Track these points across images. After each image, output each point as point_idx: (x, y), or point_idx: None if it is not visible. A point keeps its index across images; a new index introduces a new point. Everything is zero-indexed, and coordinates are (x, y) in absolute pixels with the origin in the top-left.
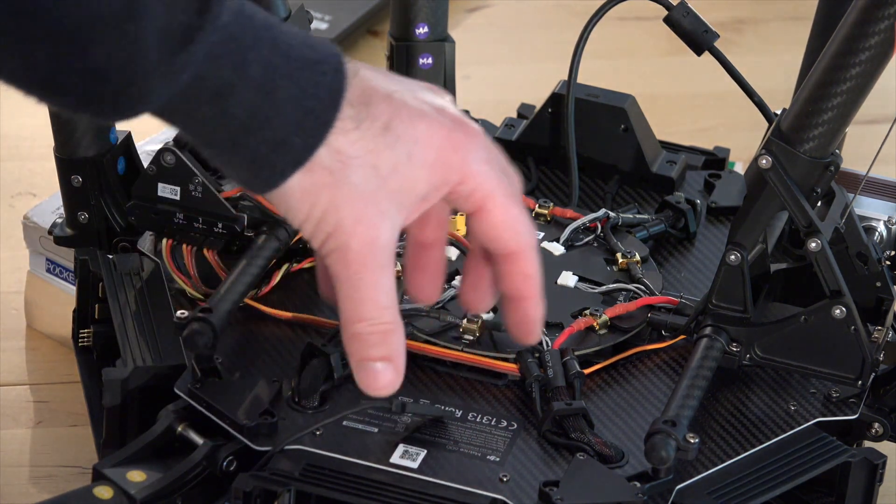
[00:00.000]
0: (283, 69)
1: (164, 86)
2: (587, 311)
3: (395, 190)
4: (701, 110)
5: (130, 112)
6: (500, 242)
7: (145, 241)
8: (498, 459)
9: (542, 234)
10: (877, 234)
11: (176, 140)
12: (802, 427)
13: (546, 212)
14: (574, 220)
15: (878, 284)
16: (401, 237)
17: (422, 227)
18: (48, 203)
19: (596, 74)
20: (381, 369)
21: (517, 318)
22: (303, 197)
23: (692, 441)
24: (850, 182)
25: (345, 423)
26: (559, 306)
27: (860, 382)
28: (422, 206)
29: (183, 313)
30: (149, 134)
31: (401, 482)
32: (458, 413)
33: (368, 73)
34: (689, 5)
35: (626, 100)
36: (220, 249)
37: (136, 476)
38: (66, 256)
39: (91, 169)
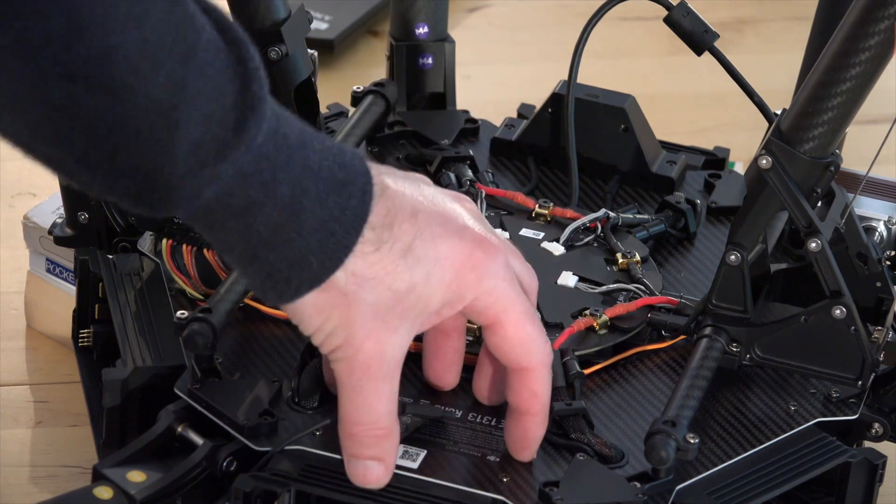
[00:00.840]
0: (312, 191)
1: (189, 197)
2: (587, 312)
3: (409, 307)
4: (701, 110)
5: (152, 213)
6: (512, 357)
7: (145, 241)
8: (498, 459)
9: (542, 234)
10: (877, 234)
11: None
12: (802, 427)
13: (546, 212)
14: (574, 220)
15: (878, 284)
16: None
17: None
18: (48, 203)
19: (596, 74)
20: (372, 467)
21: (518, 433)
22: (315, 312)
23: (692, 441)
24: (850, 182)
25: None
26: (559, 306)
27: (860, 382)
28: (435, 319)
29: (183, 313)
30: None
31: (401, 482)
32: (458, 413)
33: (396, 190)
34: (689, 5)
35: (626, 100)
36: None
37: (136, 476)
38: (66, 256)
39: None
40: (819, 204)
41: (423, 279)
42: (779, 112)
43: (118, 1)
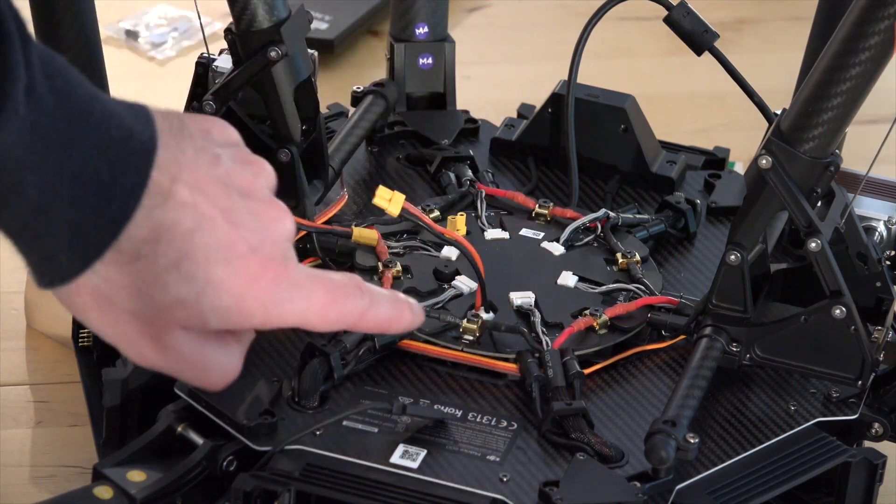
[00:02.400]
0: (66, 193)
1: None
2: (587, 311)
3: (180, 319)
4: (701, 110)
5: None
6: (333, 331)
7: None
8: (498, 459)
9: (543, 234)
10: (877, 234)
11: None
12: (802, 427)
13: (546, 212)
14: (574, 220)
15: (878, 284)
16: (402, 236)
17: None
18: None
19: (596, 74)
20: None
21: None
22: (75, 310)
23: (692, 441)
24: (850, 182)
25: (345, 423)
26: (559, 306)
27: (860, 382)
28: (213, 332)
29: None
30: None
31: (401, 482)
32: (458, 413)
33: (181, 196)
34: (689, 5)
35: (626, 100)
36: None
37: (136, 476)
38: None
39: None
40: (819, 204)
41: (193, 297)
42: (779, 112)
43: None
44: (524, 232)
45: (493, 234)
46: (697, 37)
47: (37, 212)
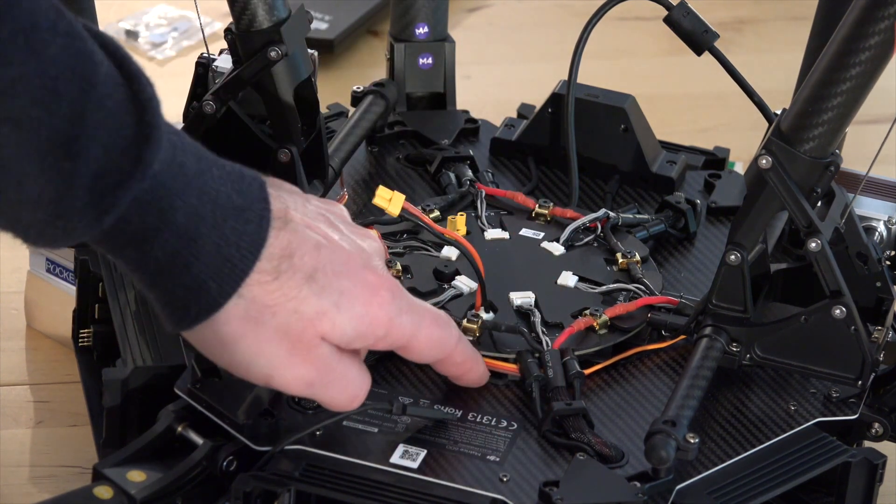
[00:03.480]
0: (209, 217)
1: (89, 226)
2: (587, 311)
3: (321, 332)
4: (701, 110)
5: (54, 244)
6: (433, 357)
7: None
8: (498, 459)
9: (543, 234)
10: (877, 234)
11: None
12: (802, 427)
13: (546, 212)
14: (574, 220)
15: (878, 284)
16: (402, 236)
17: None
18: None
19: (596, 74)
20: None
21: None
22: (219, 345)
23: (692, 441)
24: (850, 182)
25: (345, 423)
26: (559, 306)
27: (860, 382)
28: (348, 349)
29: None
30: None
31: (401, 482)
32: (458, 413)
33: (300, 222)
34: (689, 5)
35: (626, 100)
36: None
37: (136, 476)
38: (66, 256)
39: None
40: (819, 204)
41: (332, 306)
42: (779, 112)
43: (15, 34)
44: (524, 232)
45: (493, 234)
46: (697, 37)
47: (185, 238)
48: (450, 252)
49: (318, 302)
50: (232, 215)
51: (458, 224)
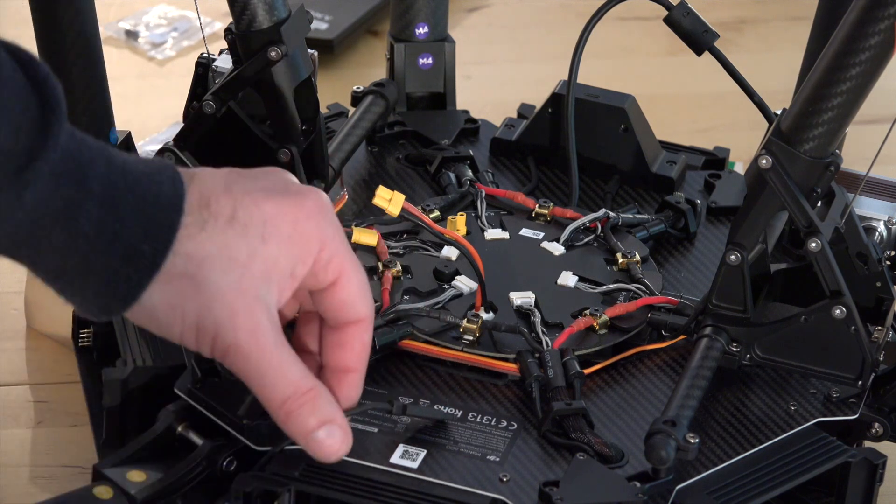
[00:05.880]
0: (121, 184)
1: (12, 206)
2: (587, 311)
3: (259, 274)
4: (701, 110)
5: None
6: (355, 308)
7: None
8: (498, 459)
9: (543, 234)
10: (877, 234)
11: (176, 140)
12: (802, 427)
13: (546, 212)
14: (574, 220)
15: (878, 284)
16: (402, 236)
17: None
18: None
19: (596, 74)
20: (325, 436)
21: (344, 392)
22: (170, 310)
23: (692, 441)
24: (850, 182)
25: None
26: (559, 306)
27: (860, 382)
28: (292, 283)
29: None
30: (149, 134)
31: (401, 482)
32: (458, 413)
33: (204, 173)
34: (689, 5)
35: (626, 100)
36: None
37: (136, 476)
38: None
39: None
40: (819, 204)
41: (260, 242)
42: (779, 112)
43: None
44: (524, 232)
45: (493, 234)
46: (697, 37)
47: (106, 205)
48: (450, 252)
49: (246, 242)
50: (143, 179)
51: (458, 224)
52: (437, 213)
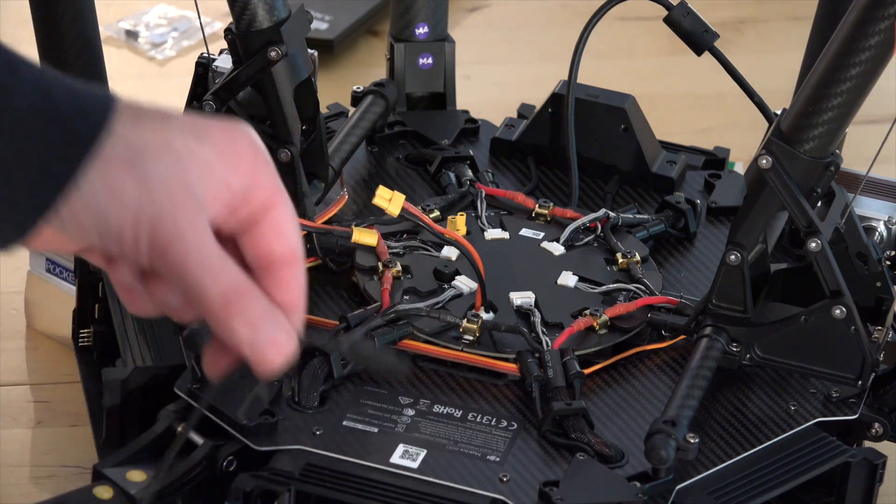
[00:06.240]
0: (52, 75)
1: None
2: (587, 311)
3: (195, 170)
4: (701, 110)
5: None
6: (287, 245)
7: None
8: (498, 459)
9: (542, 234)
10: (877, 234)
11: None
12: (802, 427)
13: (546, 212)
14: (574, 220)
15: (878, 284)
16: (402, 236)
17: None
18: None
19: (596, 74)
20: (272, 329)
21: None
22: (109, 195)
23: (692, 441)
24: (850, 182)
25: (344, 423)
26: (559, 306)
27: (860, 382)
28: (227, 194)
29: None
30: None
31: (401, 482)
32: (458, 413)
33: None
34: (689, 5)
35: (626, 100)
36: None
37: (136, 476)
38: (66, 256)
39: None
40: (819, 204)
41: (195, 140)
42: (779, 112)
43: None
44: (524, 232)
45: (493, 234)
46: (697, 37)
47: (39, 92)
48: (450, 252)
49: (182, 137)
50: (74, 80)
51: (458, 224)
52: (437, 213)
